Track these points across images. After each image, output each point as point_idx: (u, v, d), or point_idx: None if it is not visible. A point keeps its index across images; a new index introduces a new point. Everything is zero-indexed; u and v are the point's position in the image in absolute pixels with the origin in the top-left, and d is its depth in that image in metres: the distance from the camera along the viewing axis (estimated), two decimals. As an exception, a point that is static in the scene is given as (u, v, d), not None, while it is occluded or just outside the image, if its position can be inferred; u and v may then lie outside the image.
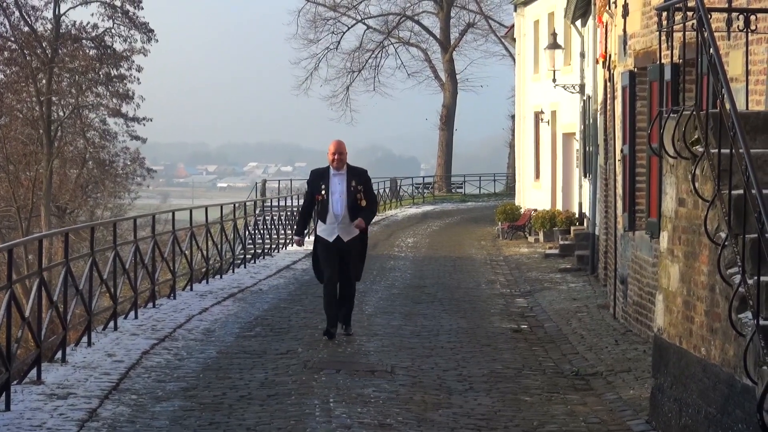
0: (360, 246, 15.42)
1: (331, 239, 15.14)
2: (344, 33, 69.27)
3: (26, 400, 10.96)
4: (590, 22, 24.76)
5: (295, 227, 20.79)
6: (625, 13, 16.43)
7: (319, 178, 15.37)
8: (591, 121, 25.35)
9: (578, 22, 27.58)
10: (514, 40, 44.17)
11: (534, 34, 39.71)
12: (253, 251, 29.62)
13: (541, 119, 38.47)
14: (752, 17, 10.46)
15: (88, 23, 51.81)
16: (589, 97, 26.27)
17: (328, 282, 15.19)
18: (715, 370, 8.79)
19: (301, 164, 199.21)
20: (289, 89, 71.95)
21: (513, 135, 53.76)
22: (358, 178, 15.27)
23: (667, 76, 12.45)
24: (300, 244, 16.36)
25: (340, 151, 15.28)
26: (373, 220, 19.43)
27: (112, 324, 16.07)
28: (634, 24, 16.12)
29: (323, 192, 15.19)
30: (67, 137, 52.55)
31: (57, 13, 50.86)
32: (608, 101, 19.28)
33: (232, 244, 27.06)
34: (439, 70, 70.08)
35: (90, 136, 52.91)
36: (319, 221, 15.33)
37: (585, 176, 28.72)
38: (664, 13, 10.57)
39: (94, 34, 51.91)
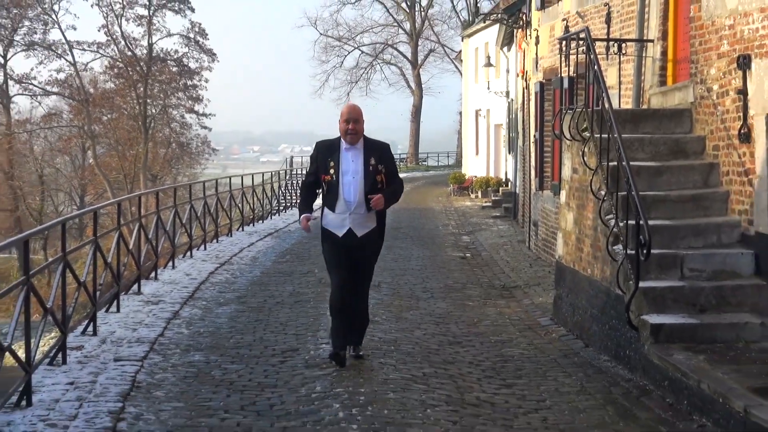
0: (377, 243, 8.27)
1: (340, 233, 8.00)
2: (346, 56, 68.63)
3: (130, 305, 10.95)
4: (513, 48, 24.65)
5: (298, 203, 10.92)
6: (537, 41, 16.35)
7: (327, 153, 7.97)
8: (513, 116, 25.28)
9: (505, 48, 27.46)
10: (461, 60, 43.98)
11: (475, 57, 39.50)
12: (284, 204, 29.61)
13: (480, 115, 38.35)
14: (623, 45, 10.49)
15: (171, 49, 51.56)
16: (512, 100, 26.18)
17: (337, 290, 7.93)
18: (597, 284, 8.81)
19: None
20: (309, 94, 72.01)
21: (460, 125, 53.52)
22: (378, 154, 7.93)
23: (566, 85, 12.40)
24: (308, 228, 8.07)
25: (355, 118, 7.85)
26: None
27: (189, 254, 16.06)
28: (543, 49, 16.04)
29: (332, 172, 7.90)
30: (157, 127, 52.30)
31: (150, 42, 50.50)
32: (525, 102, 19.23)
33: (270, 199, 26.99)
34: (410, 81, 69.67)
35: (173, 127, 52.68)
36: (326, 210, 8.09)
37: (509, 153, 28.67)
38: (563, 42, 10.55)
39: (175, 56, 51.57)
